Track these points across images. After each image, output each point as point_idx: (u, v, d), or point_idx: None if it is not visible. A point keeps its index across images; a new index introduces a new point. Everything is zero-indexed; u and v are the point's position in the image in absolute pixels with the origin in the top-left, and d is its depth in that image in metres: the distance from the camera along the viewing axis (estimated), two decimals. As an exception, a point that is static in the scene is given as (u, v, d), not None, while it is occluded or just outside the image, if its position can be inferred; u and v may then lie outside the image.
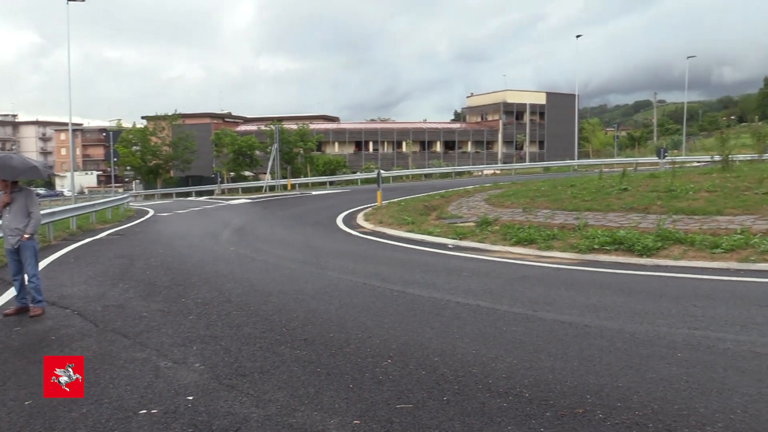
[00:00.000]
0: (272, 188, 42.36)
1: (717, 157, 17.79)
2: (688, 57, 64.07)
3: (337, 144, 72.40)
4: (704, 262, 8.78)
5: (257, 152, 51.41)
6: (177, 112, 56.44)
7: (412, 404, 3.81)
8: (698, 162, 36.46)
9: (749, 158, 21.63)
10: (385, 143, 74.92)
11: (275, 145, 44.97)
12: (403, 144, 72.95)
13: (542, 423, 3.48)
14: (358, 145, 73.79)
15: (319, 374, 4.43)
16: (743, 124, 78.22)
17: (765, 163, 19.34)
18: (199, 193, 46.70)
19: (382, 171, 28.64)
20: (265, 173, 46.09)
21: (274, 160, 44.73)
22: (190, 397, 4.02)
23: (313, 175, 48.25)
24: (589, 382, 4.10)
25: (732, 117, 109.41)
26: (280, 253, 11.46)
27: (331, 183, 45.27)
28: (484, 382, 4.16)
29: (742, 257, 8.69)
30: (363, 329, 5.65)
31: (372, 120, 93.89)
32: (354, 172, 52.45)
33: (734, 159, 17.51)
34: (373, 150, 74.05)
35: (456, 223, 14.94)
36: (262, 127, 52.18)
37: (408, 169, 54.55)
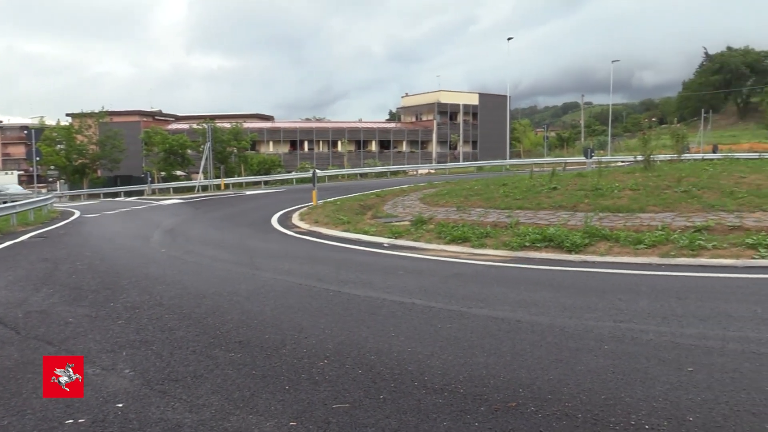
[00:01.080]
0: (205, 188, 41.43)
1: (640, 157, 18.56)
2: (613, 61, 66.76)
3: (271, 143, 71.56)
4: (628, 257, 9.15)
5: (189, 151, 50.13)
6: (104, 110, 54.44)
7: (348, 404, 3.82)
8: (622, 162, 37.96)
9: (669, 158, 22.63)
10: (321, 142, 74.59)
11: (208, 144, 44.00)
12: (339, 143, 72.88)
13: (477, 417, 3.55)
14: (293, 144, 73.18)
15: (254, 377, 4.37)
16: (663, 125, 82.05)
17: (683, 162, 20.33)
18: (129, 194, 45.17)
19: (317, 170, 28.48)
20: (198, 173, 45.04)
21: (206, 159, 43.76)
22: (120, 405, 3.90)
23: (247, 175, 47.49)
24: (521, 376, 4.21)
25: (653, 119, 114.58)
26: (213, 254, 11.24)
27: (266, 183, 44.68)
28: (419, 380, 4.20)
29: (663, 252, 9.11)
30: (299, 330, 5.61)
31: (307, 119, 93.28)
32: (289, 172, 51.95)
33: (655, 159, 18.33)
34: (309, 149, 73.63)
35: (391, 222, 15.03)
36: (194, 126, 50.94)
37: (343, 168, 54.54)
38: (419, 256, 10.40)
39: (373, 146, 76.19)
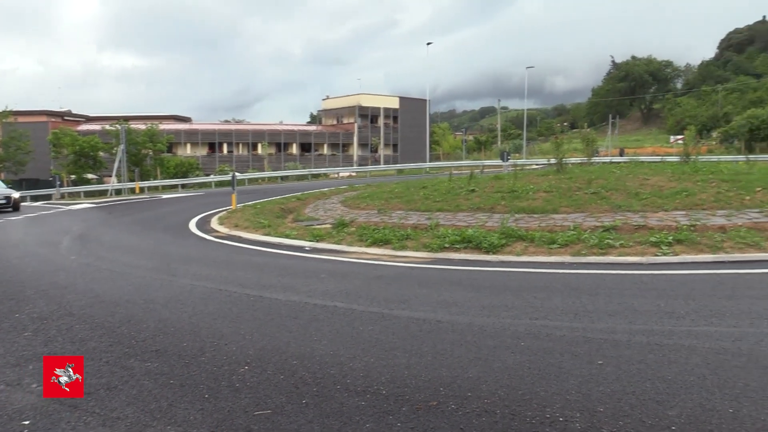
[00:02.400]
0: (118, 192, 39.84)
1: (553, 161, 19.23)
2: (527, 67, 69.43)
3: (189, 145, 69.81)
4: (543, 256, 9.49)
5: (101, 153, 48.11)
6: (8, 109, 51.42)
7: (270, 410, 3.77)
8: (537, 165, 39.26)
9: (580, 161, 23.56)
10: (240, 145, 73.40)
11: (121, 146, 42.33)
12: (259, 146, 71.96)
13: (399, 418, 3.59)
14: (212, 146, 71.66)
15: (172, 386, 4.24)
16: (575, 129, 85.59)
17: (593, 165, 21.24)
18: (35, 198, 42.78)
19: (237, 173, 27.99)
20: (111, 176, 43.25)
21: (120, 161, 42.11)
22: (27, 422, 3.69)
23: (164, 178, 46.03)
24: (442, 375, 4.29)
25: (565, 123, 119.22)
26: (127, 260, 10.83)
27: (183, 186, 43.48)
28: (342, 382, 4.21)
29: (574, 251, 9.50)
30: (218, 336, 5.50)
31: (226, 121, 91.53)
32: (207, 175, 50.83)
33: (567, 162, 19.05)
34: (228, 152, 72.30)
35: (313, 225, 14.96)
36: (107, 127, 48.85)
37: (264, 171, 53.87)
38: (341, 259, 10.40)
39: (294, 149, 75.65)
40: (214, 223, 17.33)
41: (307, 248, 11.88)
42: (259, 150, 71.26)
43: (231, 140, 72.56)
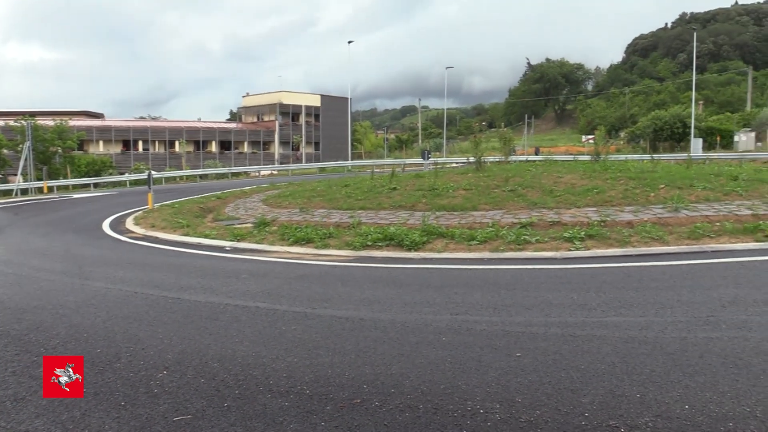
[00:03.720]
0: (25, 192, 37.71)
1: (472, 159, 19.69)
2: (447, 67, 70.63)
3: (101, 143, 66.86)
4: (463, 253, 9.70)
5: (5, 151, 45.37)
6: None
7: (191, 415, 3.68)
8: (457, 163, 40.08)
9: (498, 160, 24.18)
10: (157, 142, 70.97)
11: (27, 144, 40.09)
12: (176, 144, 69.79)
13: (323, 417, 3.59)
14: (126, 144, 68.92)
15: (85, 395, 4.06)
16: (493, 129, 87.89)
17: (510, 164, 21.87)
18: (-71, 199, 39.92)
19: (153, 172, 27.08)
20: (16, 175, 40.88)
21: (26, 160, 39.88)
22: None
23: (75, 177, 43.95)
24: (365, 373, 4.32)
25: (483, 123, 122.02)
26: (36, 264, 10.28)
27: (96, 185, 41.66)
28: (265, 384, 4.16)
29: (493, 247, 9.76)
30: (135, 341, 5.31)
31: (141, 117, 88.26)
32: (122, 173, 48.96)
33: (486, 160, 19.54)
34: (143, 149, 69.76)
35: (233, 224, 14.69)
36: (11, 123, 46.10)
37: (182, 169, 52.45)
38: (263, 259, 10.27)
39: (214, 147, 73.94)
40: (130, 224, 16.72)
41: (227, 248, 11.65)
42: (177, 148, 69.10)
43: (147, 137, 70.04)
